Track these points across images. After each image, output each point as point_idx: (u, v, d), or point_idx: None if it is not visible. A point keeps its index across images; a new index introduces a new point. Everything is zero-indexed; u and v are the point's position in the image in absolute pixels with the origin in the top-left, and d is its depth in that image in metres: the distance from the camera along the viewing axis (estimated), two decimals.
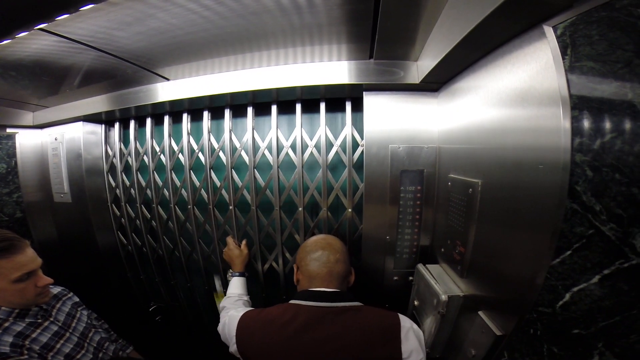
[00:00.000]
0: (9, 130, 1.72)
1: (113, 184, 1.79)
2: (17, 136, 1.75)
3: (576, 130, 0.57)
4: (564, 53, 0.60)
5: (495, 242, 0.80)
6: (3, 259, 0.96)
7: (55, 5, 0.72)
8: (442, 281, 1.02)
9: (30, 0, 0.70)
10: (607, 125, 0.55)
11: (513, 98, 0.72)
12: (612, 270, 0.56)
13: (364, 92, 1.24)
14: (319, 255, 1.10)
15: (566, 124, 0.58)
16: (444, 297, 0.92)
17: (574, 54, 0.59)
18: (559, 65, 0.60)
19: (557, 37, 0.62)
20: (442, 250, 1.10)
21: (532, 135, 0.66)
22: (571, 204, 0.58)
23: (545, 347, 0.67)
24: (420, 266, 1.15)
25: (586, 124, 0.57)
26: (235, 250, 1.50)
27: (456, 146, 1.04)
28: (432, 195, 1.21)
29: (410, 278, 1.28)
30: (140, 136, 1.72)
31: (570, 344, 0.63)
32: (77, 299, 1.29)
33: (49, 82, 1.32)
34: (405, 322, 0.98)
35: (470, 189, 0.89)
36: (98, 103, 1.55)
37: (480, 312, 0.84)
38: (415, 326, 0.99)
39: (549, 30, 0.63)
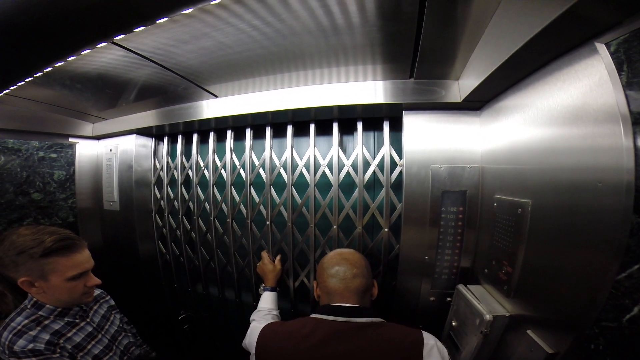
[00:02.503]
0: (71, 139, 1.88)
1: (158, 195, 1.90)
2: (77, 146, 1.91)
3: (639, 146, 0.56)
4: (619, 69, 0.60)
5: (548, 261, 0.77)
6: (64, 257, 1.00)
7: (134, 17, 0.79)
8: (485, 301, 0.99)
9: (112, 13, 0.77)
10: None
11: (565, 116, 0.71)
12: None
13: (403, 112, 1.26)
14: (335, 272, 1.10)
15: (628, 139, 0.57)
16: (488, 317, 0.89)
17: (630, 69, 0.59)
18: (615, 82, 0.60)
19: (612, 54, 0.62)
20: (486, 271, 1.07)
21: (589, 153, 0.65)
22: (637, 219, 0.56)
23: None
24: (460, 287, 1.11)
25: None
26: (269, 265, 1.53)
27: (502, 166, 1.03)
28: (475, 216, 1.18)
29: (449, 299, 1.23)
30: (186, 151, 1.83)
31: (638, 356, 0.60)
32: (112, 302, 1.33)
33: (110, 95, 1.44)
34: (428, 339, 0.94)
35: (520, 209, 0.87)
36: (150, 117, 1.67)
37: (528, 331, 0.82)
38: (439, 343, 0.95)
39: (601, 47, 0.63)
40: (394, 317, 1.05)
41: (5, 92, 1.29)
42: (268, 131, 1.58)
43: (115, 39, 0.90)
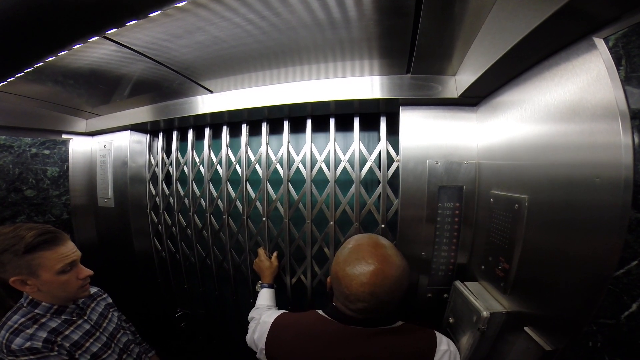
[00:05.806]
0: (64, 136, 1.85)
1: (153, 192, 1.88)
2: (70, 142, 1.89)
3: (638, 142, 0.56)
4: (618, 64, 0.60)
5: (545, 257, 0.77)
6: (48, 250, 0.99)
7: (126, 11, 0.77)
8: (482, 298, 0.98)
9: (103, 7, 0.75)
10: None
11: (563, 111, 0.71)
12: None
13: (400, 107, 1.25)
14: (367, 278, 0.87)
15: (626, 134, 0.56)
16: (485, 314, 0.89)
17: (629, 64, 0.58)
18: (613, 77, 0.59)
19: (610, 49, 0.61)
20: (482, 267, 1.07)
21: (587, 148, 0.64)
22: (636, 214, 0.56)
23: (607, 359, 0.64)
24: (457, 283, 1.11)
25: None
26: (265, 261, 1.52)
27: (499, 162, 1.02)
28: (472, 212, 1.18)
29: (445, 295, 1.24)
30: (181, 147, 1.81)
31: (637, 353, 0.60)
32: (110, 300, 1.33)
33: (103, 90, 1.41)
34: (441, 345, 0.91)
35: (516, 205, 0.87)
36: (145, 113, 1.65)
37: (526, 328, 0.81)
38: (453, 347, 0.93)
39: (599, 42, 0.63)
40: None
41: None
42: (264, 127, 1.57)
43: (106, 33, 0.88)
